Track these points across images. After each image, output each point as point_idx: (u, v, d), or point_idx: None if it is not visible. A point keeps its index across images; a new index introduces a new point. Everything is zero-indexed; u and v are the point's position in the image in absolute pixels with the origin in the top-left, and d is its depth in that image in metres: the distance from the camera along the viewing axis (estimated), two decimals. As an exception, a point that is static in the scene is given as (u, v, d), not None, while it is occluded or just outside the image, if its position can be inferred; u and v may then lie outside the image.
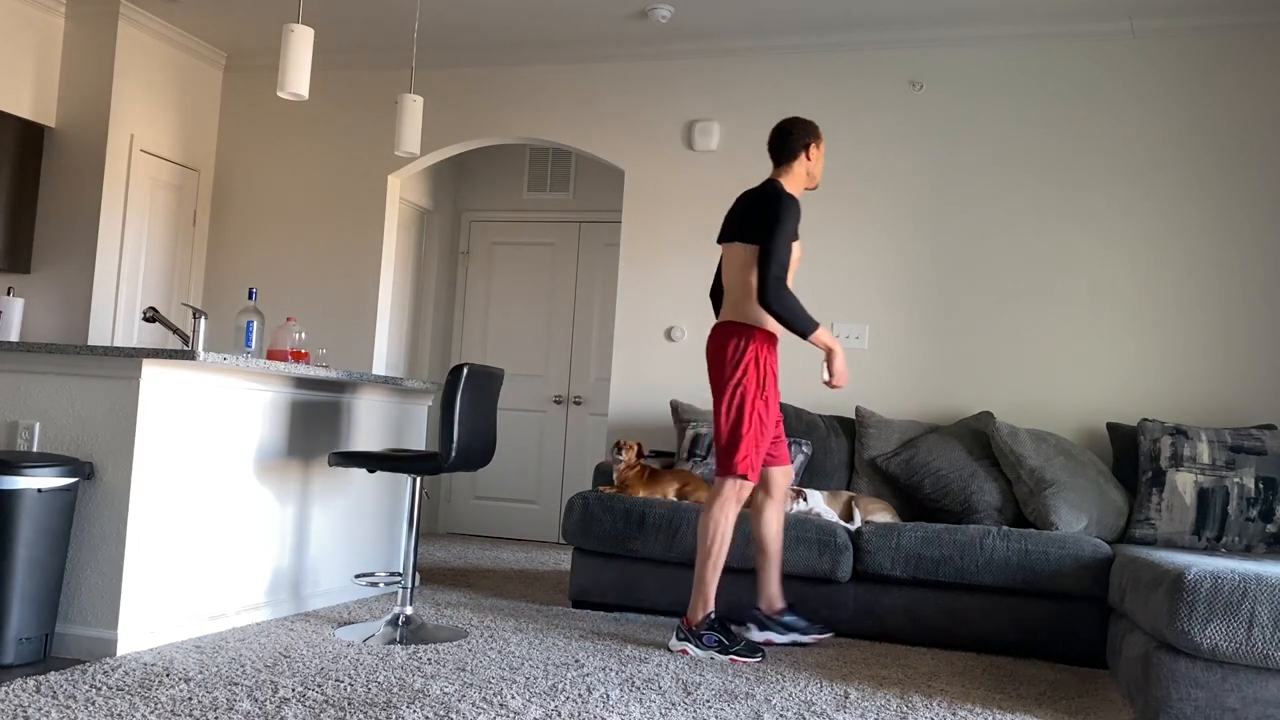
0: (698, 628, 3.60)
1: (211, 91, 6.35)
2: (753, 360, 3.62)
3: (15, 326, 5.43)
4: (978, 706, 3.13)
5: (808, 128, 3.78)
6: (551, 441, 6.95)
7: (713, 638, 3.57)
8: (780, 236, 3.55)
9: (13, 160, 5.49)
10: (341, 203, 6.18)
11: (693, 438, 4.86)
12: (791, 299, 3.55)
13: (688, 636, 3.60)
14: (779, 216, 3.57)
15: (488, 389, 3.92)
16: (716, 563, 3.63)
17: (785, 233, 3.56)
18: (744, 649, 3.55)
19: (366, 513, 4.49)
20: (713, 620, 3.60)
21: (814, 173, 3.81)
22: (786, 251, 3.56)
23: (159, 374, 3.31)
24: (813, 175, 3.81)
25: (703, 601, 3.62)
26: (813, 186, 3.85)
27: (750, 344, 3.63)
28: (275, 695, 2.82)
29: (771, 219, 3.58)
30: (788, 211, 3.59)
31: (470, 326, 7.19)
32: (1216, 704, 2.83)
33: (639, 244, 5.67)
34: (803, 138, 3.76)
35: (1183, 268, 4.89)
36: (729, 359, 3.63)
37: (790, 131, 3.77)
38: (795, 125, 3.77)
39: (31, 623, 3.06)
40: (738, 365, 3.61)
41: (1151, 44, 5.01)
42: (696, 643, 3.58)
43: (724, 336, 3.68)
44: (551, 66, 5.90)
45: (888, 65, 5.36)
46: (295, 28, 3.97)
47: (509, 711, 2.79)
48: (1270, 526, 4.03)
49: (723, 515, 3.62)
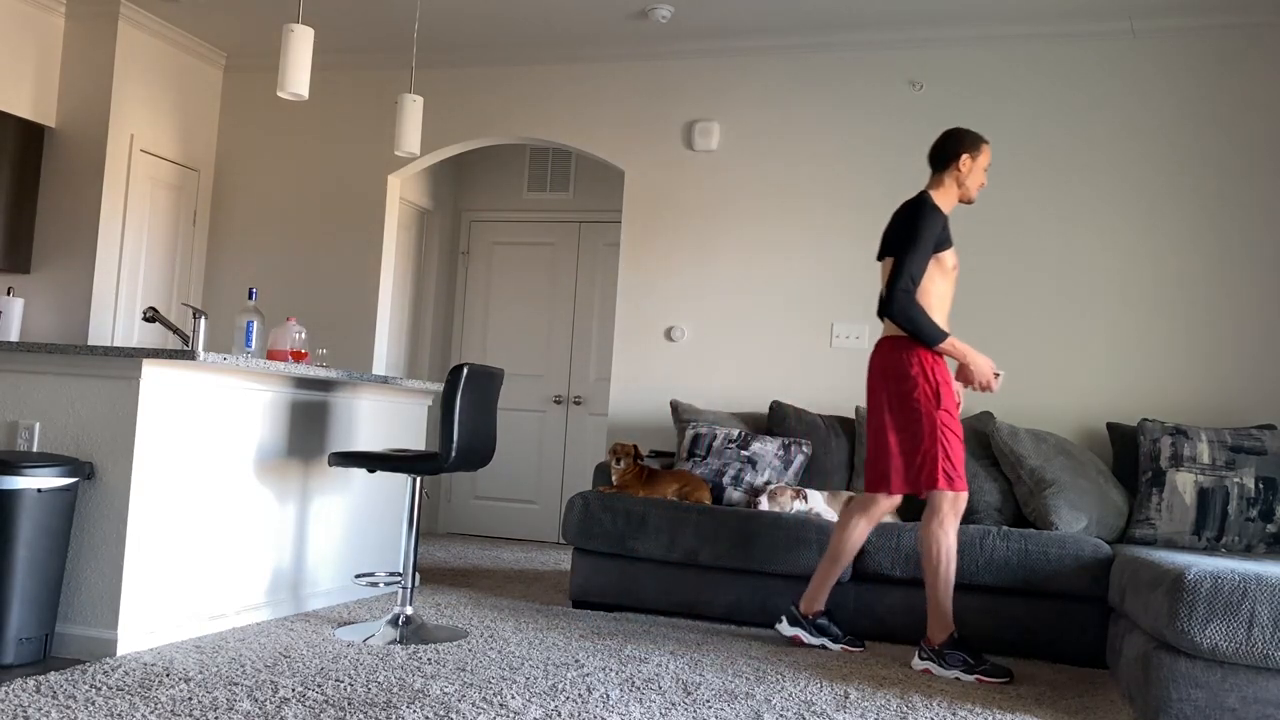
0: (941, 647, 3.52)
1: (211, 91, 6.35)
2: (920, 372, 3.54)
3: (15, 326, 5.43)
4: (977, 706, 3.13)
5: (964, 138, 3.66)
6: (551, 441, 6.95)
7: (957, 657, 3.48)
8: (914, 249, 3.51)
9: (13, 160, 5.49)
10: (341, 203, 6.18)
11: (692, 438, 4.86)
12: (917, 311, 3.50)
13: (931, 656, 3.53)
14: (915, 228, 3.53)
15: (488, 389, 3.92)
16: (947, 581, 3.54)
17: (920, 245, 3.51)
18: (990, 669, 3.45)
19: (366, 513, 4.49)
20: (956, 640, 3.52)
21: (966, 184, 3.66)
22: (920, 264, 3.51)
23: (159, 374, 3.31)
24: (965, 188, 3.67)
25: (942, 622, 3.53)
26: (965, 200, 3.70)
27: (914, 356, 3.56)
28: (275, 695, 2.82)
29: (907, 231, 3.55)
30: (925, 223, 3.53)
31: (470, 326, 7.19)
32: (1216, 704, 2.83)
33: (639, 244, 5.67)
34: (955, 147, 3.65)
35: (1183, 267, 4.89)
36: (896, 374, 3.57)
37: (945, 140, 3.68)
38: (952, 134, 3.68)
39: (31, 623, 3.06)
40: (906, 378, 3.55)
41: (1151, 44, 5.01)
42: (940, 663, 3.50)
43: (887, 351, 3.63)
44: (551, 66, 5.90)
45: (888, 65, 5.36)
46: (295, 28, 3.97)
47: (509, 711, 2.79)
48: (1270, 526, 4.03)
49: (941, 532, 3.53)
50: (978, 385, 3.61)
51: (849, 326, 5.30)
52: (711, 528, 4.21)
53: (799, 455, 4.75)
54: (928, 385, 3.54)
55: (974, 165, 3.66)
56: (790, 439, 4.78)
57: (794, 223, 5.43)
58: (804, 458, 4.77)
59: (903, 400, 3.56)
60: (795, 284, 5.40)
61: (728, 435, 4.80)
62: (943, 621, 3.55)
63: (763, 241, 5.47)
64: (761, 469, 4.66)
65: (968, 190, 3.69)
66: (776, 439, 4.77)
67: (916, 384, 3.54)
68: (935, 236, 3.54)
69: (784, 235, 5.44)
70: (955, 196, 3.69)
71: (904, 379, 3.56)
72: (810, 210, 5.41)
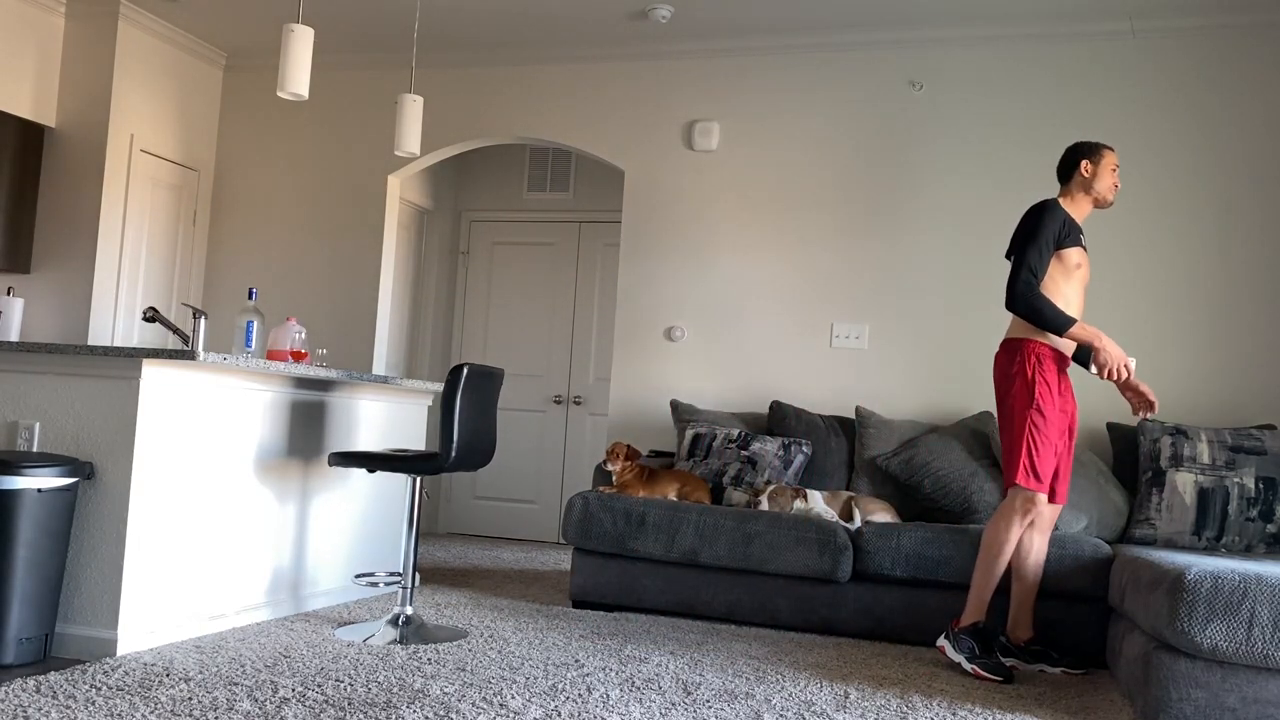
0: (960, 630, 3.61)
1: (211, 91, 6.35)
2: (1020, 372, 3.60)
3: (15, 326, 5.43)
4: (978, 706, 3.13)
5: (1080, 147, 3.77)
6: (551, 441, 6.95)
7: (966, 644, 3.56)
8: (1032, 244, 3.59)
9: (13, 160, 5.49)
10: (341, 203, 6.18)
11: (693, 438, 4.86)
12: (1040, 301, 3.55)
13: (949, 636, 3.64)
14: (1034, 225, 3.62)
15: (487, 389, 3.92)
16: (992, 573, 3.60)
17: (1037, 240, 3.59)
18: (988, 665, 3.50)
19: (366, 513, 4.49)
20: (978, 629, 3.60)
21: (1097, 188, 3.72)
22: (1038, 258, 3.59)
23: (159, 374, 3.31)
24: (1096, 190, 3.73)
25: (974, 608, 3.62)
26: (1101, 203, 3.76)
27: (1018, 357, 3.62)
28: (275, 695, 2.82)
29: (1028, 229, 3.64)
30: (1044, 219, 3.61)
31: (470, 326, 7.19)
32: (1216, 704, 2.83)
33: (639, 244, 5.67)
34: (1074, 156, 3.76)
35: (1183, 267, 4.89)
36: (1005, 373, 3.66)
37: (1066, 153, 3.79)
38: (1074, 146, 3.78)
39: (31, 623, 3.06)
40: (1010, 378, 3.63)
41: (1151, 44, 5.01)
42: (954, 644, 3.60)
43: (1002, 353, 3.71)
44: (551, 66, 5.90)
45: (888, 65, 5.36)
46: (295, 28, 3.97)
47: (509, 711, 2.79)
48: (1270, 526, 4.03)
49: (1004, 525, 3.59)
50: (1110, 372, 3.59)
51: (849, 326, 5.30)
52: (711, 527, 4.21)
53: (799, 455, 4.75)
54: (1024, 386, 3.59)
55: (1096, 169, 3.72)
56: (790, 439, 4.78)
57: (794, 222, 5.43)
58: (804, 458, 4.77)
59: (1002, 400, 3.66)
60: (795, 284, 5.40)
61: (728, 435, 4.81)
62: (975, 608, 3.63)
63: (763, 241, 5.47)
64: (761, 469, 4.66)
65: (1099, 193, 3.74)
66: (776, 439, 4.78)
67: (1014, 383, 3.62)
68: (1054, 234, 3.61)
69: (784, 235, 5.44)
70: (1087, 202, 3.76)
71: (1006, 379, 3.65)
72: (810, 210, 5.40)
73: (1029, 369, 3.59)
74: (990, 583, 3.61)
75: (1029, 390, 3.58)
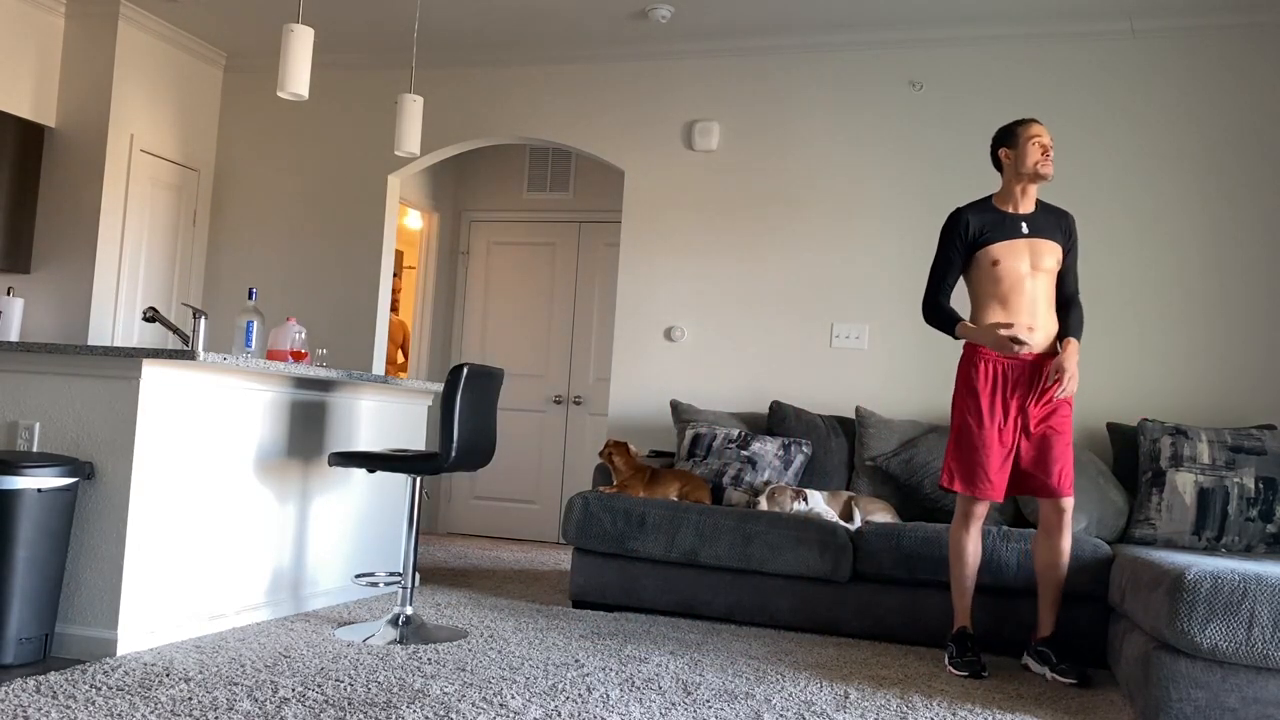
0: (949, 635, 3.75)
1: (211, 91, 6.35)
2: (961, 376, 3.70)
3: (15, 326, 5.43)
4: (978, 706, 3.13)
5: (998, 133, 3.75)
6: (551, 441, 6.95)
7: (950, 647, 3.67)
8: (934, 262, 3.76)
9: (13, 160, 5.49)
10: (341, 203, 6.18)
11: (693, 438, 4.86)
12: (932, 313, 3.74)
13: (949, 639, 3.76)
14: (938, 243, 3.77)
15: (487, 389, 3.92)
16: (954, 577, 3.72)
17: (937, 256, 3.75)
18: (961, 664, 3.57)
19: (366, 513, 4.49)
20: (961, 633, 3.68)
21: (1023, 168, 3.65)
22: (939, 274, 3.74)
23: (159, 374, 3.31)
24: (1024, 170, 3.65)
25: (956, 613, 3.74)
26: (1036, 178, 3.66)
27: (961, 364, 3.72)
28: (275, 695, 2.82)
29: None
30: (941, 236, 3.75)
31: (470, 326, 7.19)
32: (1216, 704, 2.83)
33: (639, 244, 5.67)
34: (994, 146, 3.76)
35: (1182, 267, 4.89)
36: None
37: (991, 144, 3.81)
38: (993, 137, 3.78)
39: (31, 623, 3.06)
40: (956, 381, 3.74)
41: (1151, 44, 5.01)
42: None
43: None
44: (552, 66, 5.90)
45: (888, 65, 5.36)
46: (295, 28, 3.97)
47: (509, 711, 2.79)
48: (1270, 526, 4.03)
49: (951, 530, 3.74)
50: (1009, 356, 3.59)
51: (849, 326, 5.30)
52: (711, 527, 4.21)
53: (799, 455, 4.75)
54: (960, 388, 3.70)
55: (1015, 151, 3.69)
56: (790, 439, 4.78)
57: (794, 222, 5.43)
58: (804, 458, 4.77)
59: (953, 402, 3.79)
60: (795, 284, 5.40)
61: (728, 435, 4.81)
62: (957, 613, 3.73)
63: (763, 241, 5.47)
64: (761, 469, 4.66)
65: (1027, 170, 3.66)
66: (776, 439, 4.78)
67: (956, 386, 3.73)
68: (956, 243, 3.70)
69: (784, 235, 5.44)
70: (1019, 185, 3.70)
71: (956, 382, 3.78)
72: (810, 210, 5.40)
73: (963, 372, 3.69)
74: (957, 587, 3.73)
75: (961, 392, 3.69)
